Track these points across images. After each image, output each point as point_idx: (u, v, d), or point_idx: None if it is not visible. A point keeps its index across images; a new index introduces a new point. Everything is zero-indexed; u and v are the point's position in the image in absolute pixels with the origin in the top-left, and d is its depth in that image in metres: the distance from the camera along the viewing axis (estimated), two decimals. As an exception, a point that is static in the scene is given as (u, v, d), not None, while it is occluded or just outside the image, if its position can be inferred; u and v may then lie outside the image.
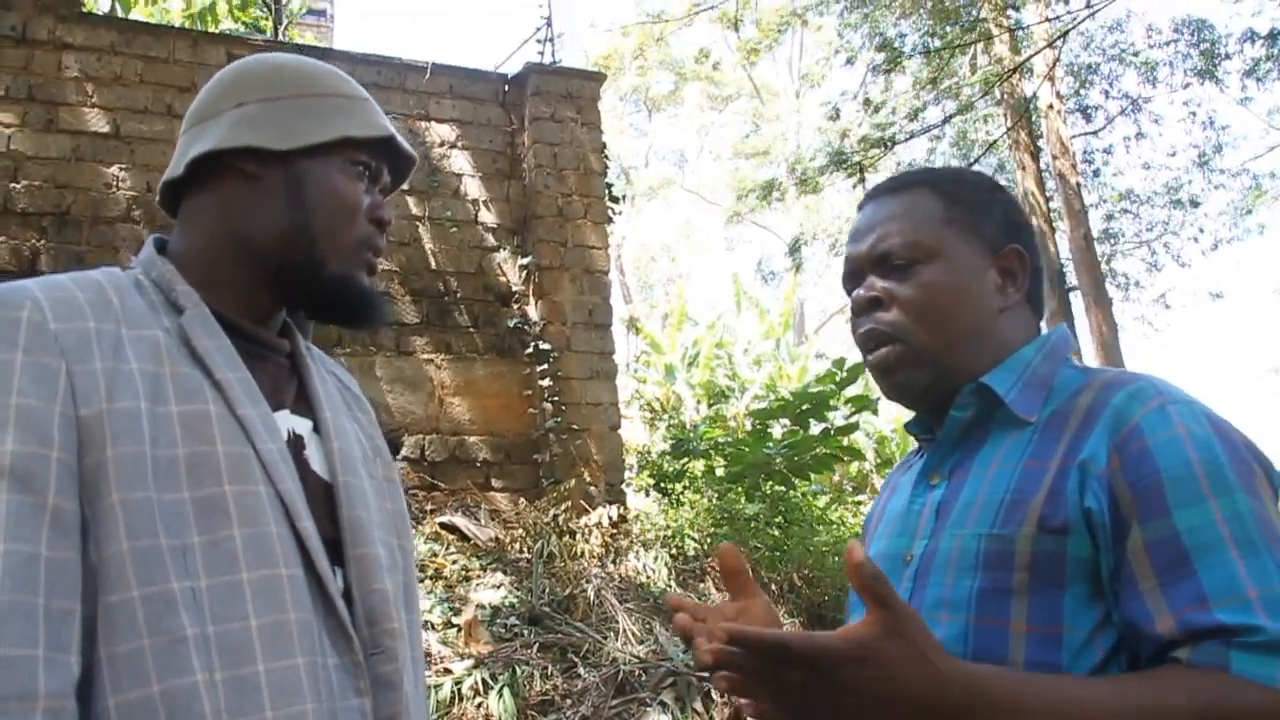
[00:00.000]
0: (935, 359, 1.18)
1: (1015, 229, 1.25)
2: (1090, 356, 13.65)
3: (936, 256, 1.19)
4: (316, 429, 1.19)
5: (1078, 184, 13.86)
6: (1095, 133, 16.73)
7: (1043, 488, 1.06)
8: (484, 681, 4.59)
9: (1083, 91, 16.19)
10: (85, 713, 0.94)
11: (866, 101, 14.74)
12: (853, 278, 1.26)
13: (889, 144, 13.61)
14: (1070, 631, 1.03)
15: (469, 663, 4.68)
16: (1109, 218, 18.50)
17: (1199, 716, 0.91)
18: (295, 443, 1.14)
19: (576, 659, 5.06)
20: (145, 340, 1.06)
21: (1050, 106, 13.76)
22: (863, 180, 13.81)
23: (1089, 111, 16.24)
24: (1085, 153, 16.80)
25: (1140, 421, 1.04)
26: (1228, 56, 14.78)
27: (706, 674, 4.79)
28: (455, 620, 5.06)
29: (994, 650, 1.04)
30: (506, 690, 4.54)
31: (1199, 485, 0.99)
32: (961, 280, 1.19)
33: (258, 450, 1.06)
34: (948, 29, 13.62)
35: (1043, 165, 14.31)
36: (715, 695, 4.76)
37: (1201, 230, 18.34)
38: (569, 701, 4.68)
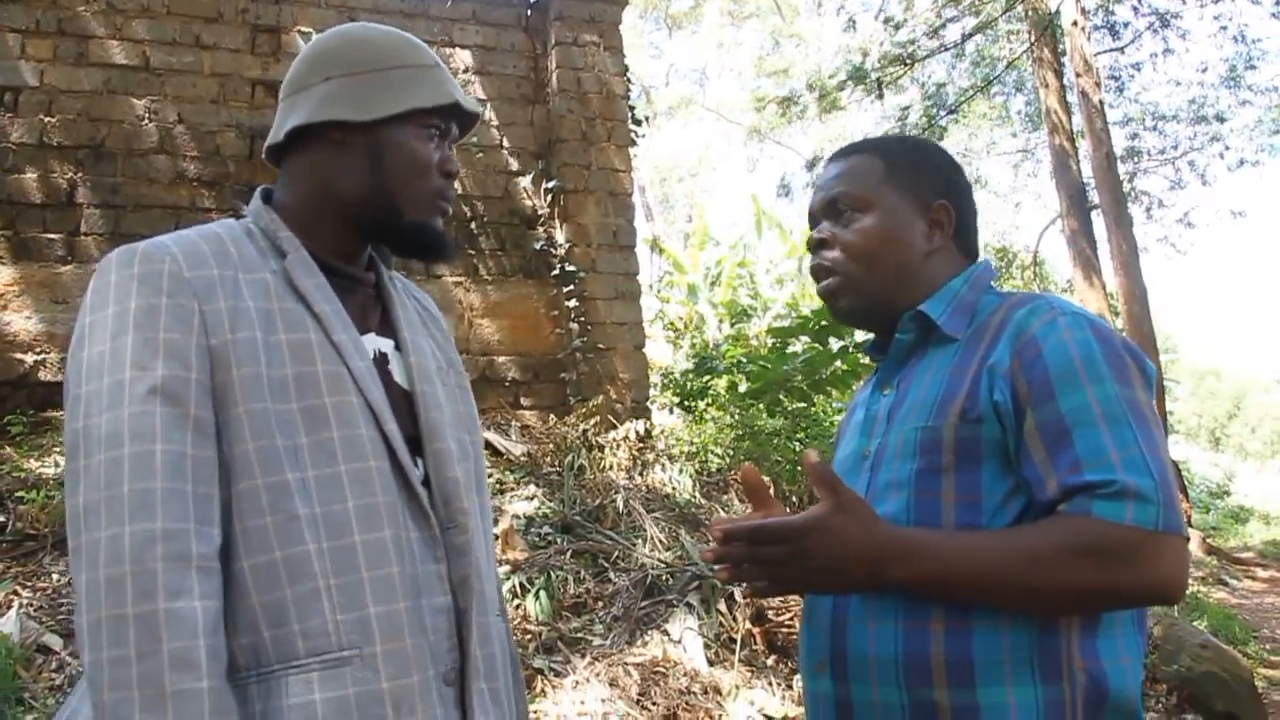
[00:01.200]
0: (867, 289, 1.50)
1: (947, 187, 1.54)
2: (1110, 276, 13.66)
3: (872, 207, 1.50)
4: (398, 347, 1.42)
5: (1100, 102, 13.72)
6: (1121, 49, 16.47)
7: (963, 388, 1.35)
8: (521, 585, 4.84)
9: (1110, 8, 15.91)
10: (226, 573, 1.20)
11: (887, 19, 14.59)
12: (812, 220, 1.59)
13: (909, 61, 13.51)
14: (988, 499, 1.32)
15: (507, 568, 4.94)
16: (1133, 136, 18.29)
17: (1064, 549, 1.21)
18: (380, 360, 1.39)
19: (607, 564, 5.30)
20: (258, 282, 1.30)
21: (1074, 23, 13.59)
22: (881, 97, 13.75)
23: (1116, 28, 15.97)
24: (1111, 68, 16.58)
25: (1036, 331, 1.32)
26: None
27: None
28: (493, 530, 5.31)
29: (929, 517, 1.33)
30: (543, 593, 4.79)
31: (1079, 377, 1.27)
32: (891, 227, 1.50)
33: (350, 368, 1.30)
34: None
35: (1065, 83, 14.17)
36: (738, 597, 5.01)
37: (1227, 147, 18.11)
38: (600, 603, 4.94)
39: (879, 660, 1.32)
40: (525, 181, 7.62)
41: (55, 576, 4.40)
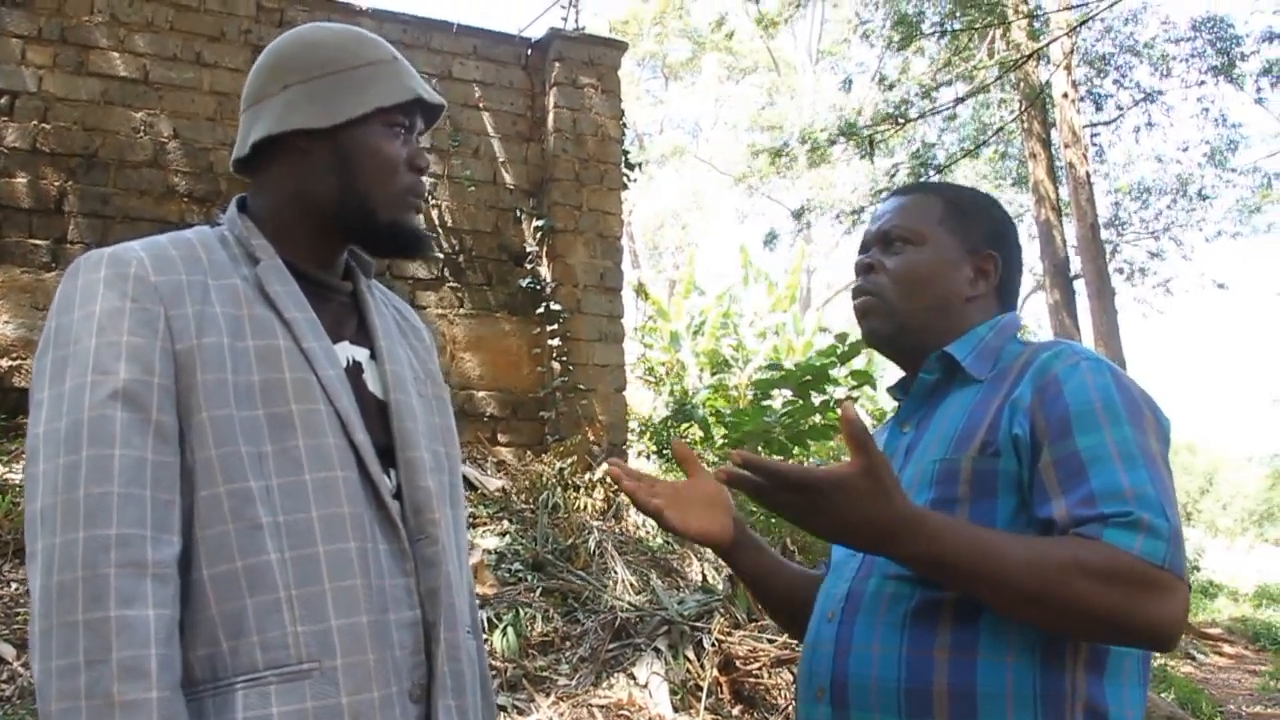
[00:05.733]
0: (900, 316, 1.52)
1: (997, 240, 1.57)
2: (1090, 346, 13.79)
3: (924, 243, 1.53)
4: (374, 356, 1.40)
5: (1087, 174, 13.94)
6: (1108, 123, 16.77)
7: (984, 422, 1.37)
8: (489, 620, 4.80)
9: (1096, 81, 16.22)
10: (185, 582, 1.18)
11: (881, 79, 14.81)
12: (863, 247, 1.60)
13: (900, 120, 13.69)
14: None
15: (475, 602, 4.90)
16: (1116, 205, 18.60)
17: (1071, 563, 1.20)
18: (354, 368, 1.36)
19: (576, 604, 5.27)
20: (227, 288, 1.28)
21: (1064, 95, 13.82)
22: (871, 154, 13.91)
23: (1100, 100, 16.27)
24: (1093, 138, 16.87)
25: (1059, 372, 1.35)
26: (1244, 57, 14.81)
27: (699, 623, 5.01)
28: (467, 543, 5.26)
29: None
30: (510, 629, 4.75)
31: (1097, 418, 1.29)
32: (937, 266, 1.52)
33: (319, 376, 1.27)
34: (969, 11, 13.66)
35: (1054, 153, 14.38)
36: (706, 644, 4.97)
37: (1204, 220, 18.47)
38: (568, 643, 4.90)
39: (881, 686, 1.32)
40: (516, 218, 7.64)
41: (14, 585, 4.32)
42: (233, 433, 1.21)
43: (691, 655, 4.91)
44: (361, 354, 1.39)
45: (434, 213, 7.34)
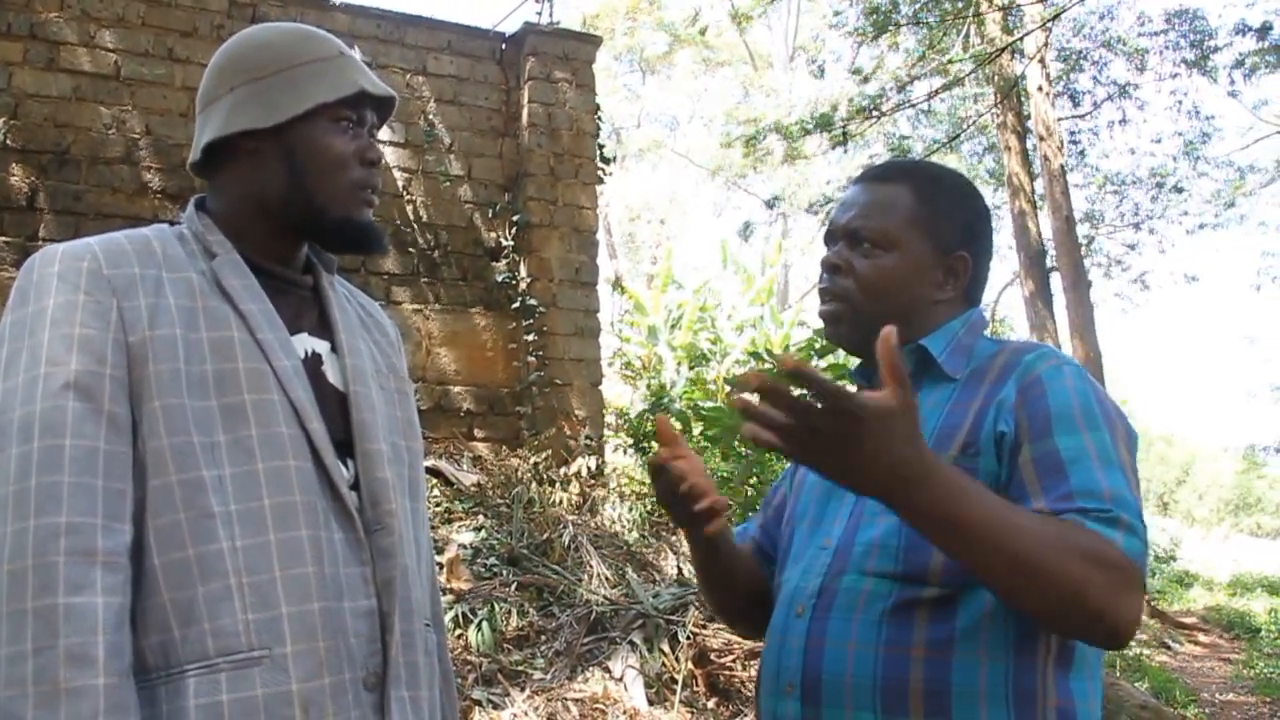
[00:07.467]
0: (868, 324, 1.44)
1: (970, 238, 1.52)
2: (1066, 339, 13.88)
3: (894, 247, 1.48)
4: (334, 349, 1.41)
5: (1061, 167, 14.01)
6: (1083, 116, 16.87)
7: (965, 422, 1.37)
8: (464, 615, 4.81)
9: (1071, 76, 16.31)
10: (138, 571, 1.20)
11: (856, 70, 14.85)
12: (830, 238, 1.55)
13: (875, 113, 13.73)
14: None
15: (450, 598, 4.90)
16: (1092, 200, 18.73)
17: (1070, 541, 1.19)
18: (314, 360, 1.38)
19: (552, 599, 5.29)
20: (182, 280, 1.30)
21: (1039, 88, 13.88)
22: (845, 144, 13.93)
23: (1076, 96, 16.37)
24: (1071, 133, 16.96)
25: (1042, 373, 1.36)
26: (1217, 50, 14.92)
27: (674, 616, 5.03)
28: (438, 558, 5.27)
29: (920, 544, 1.30)
30: (485, 624, 4.76)
31: (1076, 421, 1.31)
32: (907, 272, 1.48)
33: (274, 367, 1.29)
34: (944, 5, 13.71)
35: (1029, 146, 14.45)
36: (680, 637, 5.00)
37: (1185, 213, 18.61)
38: (544, 637, 4.91)
39: (856, 683, 1.32)
40: (491, 213, 7.64)
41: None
42: (185, 422, 1.22)
43: (666, 648, 4.94)
44: (322, 346, 1.40)
45: (409, 208, 7.33)
